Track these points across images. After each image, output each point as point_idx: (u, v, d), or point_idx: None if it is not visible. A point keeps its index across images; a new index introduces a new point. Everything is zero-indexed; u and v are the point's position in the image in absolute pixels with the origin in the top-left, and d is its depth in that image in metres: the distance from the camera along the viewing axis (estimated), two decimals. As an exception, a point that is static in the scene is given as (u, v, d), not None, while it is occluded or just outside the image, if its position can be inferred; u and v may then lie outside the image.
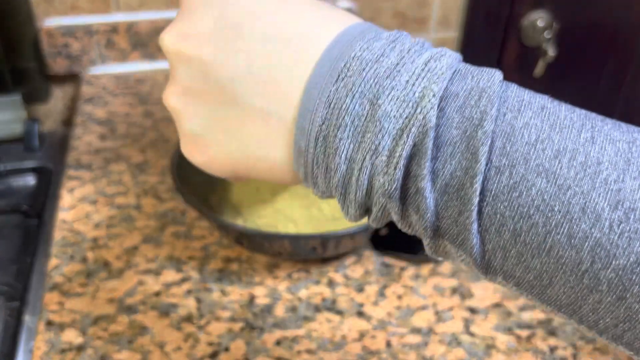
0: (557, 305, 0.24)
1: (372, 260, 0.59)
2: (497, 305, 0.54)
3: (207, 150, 0.31)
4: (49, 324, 0.51)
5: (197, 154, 0.32)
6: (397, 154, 0.24)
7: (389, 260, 0.59)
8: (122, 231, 0.61)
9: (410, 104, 0.23)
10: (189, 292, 0.54)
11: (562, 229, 0.22)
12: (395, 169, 0.24)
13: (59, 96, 0.99)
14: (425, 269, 0.58)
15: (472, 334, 0.51)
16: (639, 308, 0.22)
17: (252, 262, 0.58)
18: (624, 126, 0.24)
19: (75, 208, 0.65)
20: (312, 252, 0.54)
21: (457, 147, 0.23)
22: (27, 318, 0.58)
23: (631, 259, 0.21)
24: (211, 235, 0.61)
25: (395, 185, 0.24)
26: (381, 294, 0.55)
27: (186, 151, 0.32)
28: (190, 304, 0.53)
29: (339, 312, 0.52)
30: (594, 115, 0.24)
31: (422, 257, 0.58)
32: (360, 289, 0.55)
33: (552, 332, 0.51)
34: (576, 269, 0.22)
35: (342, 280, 0.56)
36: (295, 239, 0.53)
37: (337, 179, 0.26)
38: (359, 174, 0.25)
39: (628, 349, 0.24)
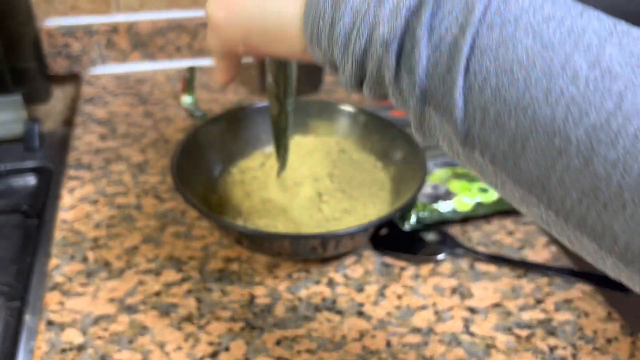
0: (528, 182, 0.25)
1: (372, 260, 0.59)
2: (496, 305, 0.54)
3: (230, 6, 0.35)
4: (50, 323, 0.51)
5: (221, 10, 0.36)
6: (401, 5, 0.26)
7: (388, 260, 0.59)
8: (122, 231, 0.61)
9: None
10: (189, 292, 0.54)
11: (540, 85, 0.24)
12: (396, 19, 0.26)
13: (59, 96, 0.99)
14: (425, 269, 0.58)
15: (471, 334, 0.51)
16: (603, 174, 0.23)
17: (252, 262, 0.58)
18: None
19: (76, 208, 0.65)
20: (312, 252, 0.54)
21: (456, 4, 0.25)
22: (27, 318, 0.58)
23: (602, 116, 0.23)
24: (211, 235, 0.61)
25: (394, 34, 0.26)
26: (381, 293, 0.55)
27: (211, 8, 0.37)
28: (191, 303, 0.53)
29: (339, 312, 0.52)
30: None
31: (422, 257, 0.58)
32: (360, 289, 0.55)
33: (551, 332, 0.51)
34: (549, 129, 0.24)
35: (342, 280, 0.56)
36: (295, 239, 0.53)
37: (339, 29, 0.28)
38: (360, 24, 0.27)
39: (592, 238, 0.24)
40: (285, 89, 0.51)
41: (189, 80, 0.87)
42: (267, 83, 0.52)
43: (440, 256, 0.58)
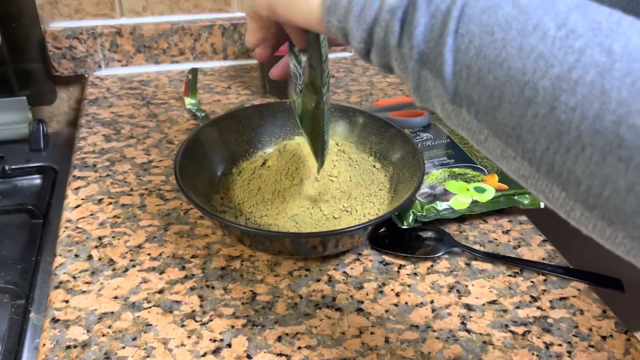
0: (505, 134, 0.29)
1: (371, 258, 0.59)
2: (493, 303, 0.55)
3: None
4: (54, 321, 0.51)
5: None
6: None
7: (387, 258, 0.60)
8: (126, 230, 0.62)
9: None
10: (192, 289, 0.55)
11: (515, 43, 0.27)
12: None
13: (64, 98, 1.00)
14: (423, 267, 0.59)
15: (468, 331, 0.52)
16: (564, 119, 0.26)
17: (254, 260, 0.59)
18: None
19: (80, 207, 0.66)
20: (312, 251, 0.55)
21: None
22: (32, 315, 0.60)
23: (564, 67, 0.26)
24: (214, 234, 0.62)
25: (400, 2, 0.31)
26: (380, 291, 0.55)
27: None
28: (194, 301, 0.54)
29: (339, 309, 0.53)
30: None
31: (420, 255, 0.59)
32: (359, 287, 0.56)
33: (547, 329, 0.52)
34: (520, 80, 0.27)
35: (341, 278, 0.57)
36: (296, 237, 0.54)
37: None
38: None
39: (560, 186, 0.28)
40: (321, 74, 0.48)
41: (191, 82, 0.88)
42: (299, 72, 0.50)
43: (438, 254, 0.59)
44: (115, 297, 0.54)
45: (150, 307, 0.53)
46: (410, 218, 0.61)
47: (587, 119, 0.25)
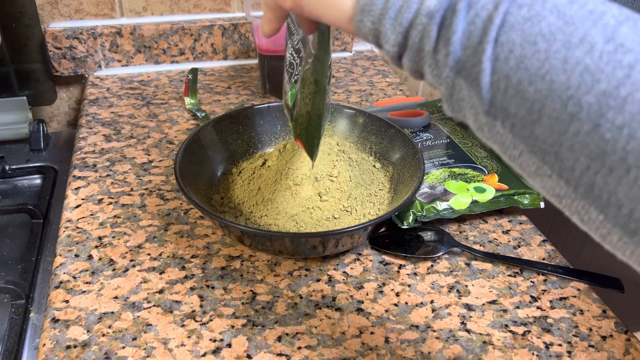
0: (542, 151, 0.27)
1: (371, 258, 0.59)
2: (493, 303, 0.55)
3: None
4: (55, 321, 0.52)
5: None
6: None
7: (387, 258, 0.60)
8: (126, 230, 0.62)
9: None
10: (192, 289, 0.55)
11: (559, 55, 0.26)
12: None
13: (64, 98, 1.00)
14: (423, 267, 0.59)
15: (468, 331, 0.52)
16: (610, 138, 0.25)
17: (254, 260, 0.59)
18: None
19: (80, 207, 0.66)
20: (312, 251, 0.55)
21: None
22: (32, 316, 0.60)
23: (612, 84, 0.25)
24: (214, 234, 0.62)
25: (439, 6, 0.30)
26: (380, 291, 0.56)
27: None
28: (194, 301, 0.54)
29: (339, 309, 0.53)
30: None
31: (420, 255, 0.59)
32: (359, 287, 0.56)
33: (547, 329, 0.52)
34: (564, 94, 0.26)
35: (341, 278, 0.57)
36: (296, 237, 0.54)
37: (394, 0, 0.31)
38: None
39: (598, 208, 0.26)
40: (328, 67, 0.47)
41: (191, 82, 0.88)
42: (296, 62, 0.48)
43: (438, 254, 0.59)
44: (116, 297, 0.54)
45: (150, 307, 0.53)
46: (410, 218, 0.61)
47: (635, 139, 0.24)
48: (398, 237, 0.61)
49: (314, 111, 0.50)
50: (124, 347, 0.49)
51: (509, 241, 0.62)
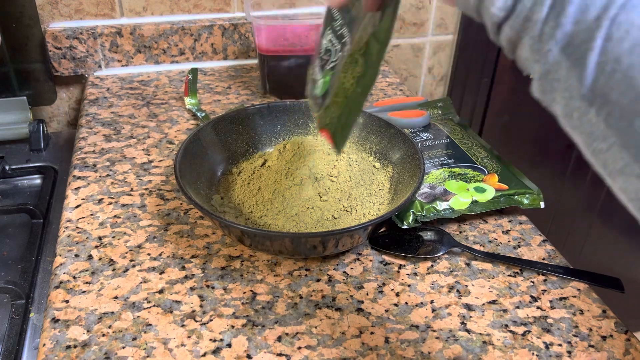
0: (637, 146, 0.25)
1: (371, 258, 0.59)
2: (492, 303, 0.55)
3: None
4: (54, 321, 0.52)
5: None
6: None
7: (387, 258, 0.60)
8: (126, 230, 0.62)
9: None
10: (192, 289, 0.55)
11: None
12: None
13: (64, 98, 1.00)
14: (423, 267, 0.59)
15: (468, 331, 0.52)
16: None
17: (254, 260, 0.59)
18: None
19: (80, 207, 0.66)
20: (312, 251, 0.55)
21: None
22: (32, 316, 0.60)
23: None
24: (214, 234, 0.62)
25: None
26: (380, 291, 0.56)
27: None
28: (194, 301, 0.54)
29: (339, 309, 0.53)
30: None
31: (420, 255, 0.59)
32: (359, 287, 0.56)
33: (547, 329, 0.52)
34: None
35: (341, 278, 0.57)
36: (296, 237, 0.54)
37: None
38: None
39: None
40: (382, 50, 0.43)
41: (191, 82, 0.88)
42: (336, 48, 0.45)
43: (438, 254, 0.59)
44: (115, 297, 0.54)
45: (150, 307, 0.53)
46: (410, 218, 0.61)
47: None
48: (398, 237, 0.61)
49: (355, 96, 0.46)
50: (124, 347, 0.49)
51: (509, 241, 0.63)
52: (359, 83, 0.45)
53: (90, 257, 0.59)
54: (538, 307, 0.54)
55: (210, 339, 0.50)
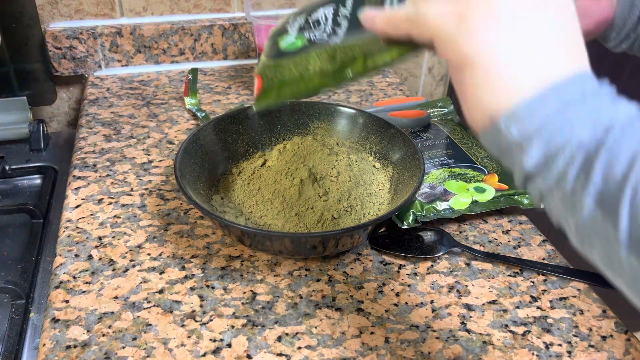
0: None
1: (371, 258, 0.59)
2: (492, 303, 0.55)
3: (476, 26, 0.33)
4: (54, 321, 0.52)
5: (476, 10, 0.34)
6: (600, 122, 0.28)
7: (387, 258, 0.60)
8: (126, 230, 0.62)
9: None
10: (192, 289, 0.55)
11: None
12: (595, 130, 0.28)
13: (64, 98, 1.00)
14: (423, 267, 0.59)
15: (468, 331, 0.52)
16: None
17: (254, 260, 0.59)
18: None
19: (80, 207, 0.66)
20: (312, 251, 0.55)
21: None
22: (32, 316, 0.60)
23: None
24: (214, 234, 0.62)
25: (589, 140, 0.28)
26: (380, 291, 0.56)
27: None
28: (194, 301, 0.54)
29: (339, 309, 0.53)
30: None
31: (420, 255, 0.59)
32: (359, 287, 0.56)
33: (547, 329, 0.52)
34: None
35: (341, 278, 0.57)
36: (296, 237, 0.54)
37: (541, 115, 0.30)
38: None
39: None
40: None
41: (191, 82, 0.88)
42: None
43: (438, 254, 0.59)
44: (115, 297, 0.54)
45: (150, 307, 0.53)
46: (410, 218, 0.61)
47: None
48: (398, 237, 0.61)
49: (309, 83, 0.43)
50: (124, 347, 0.49)
51: (509, 241, 0.63)
52: (321, 77, 0.43)
53: (90, 257, 0.59)
54: (538, 307, 0.54)
55: (210, 339, 0.50)
